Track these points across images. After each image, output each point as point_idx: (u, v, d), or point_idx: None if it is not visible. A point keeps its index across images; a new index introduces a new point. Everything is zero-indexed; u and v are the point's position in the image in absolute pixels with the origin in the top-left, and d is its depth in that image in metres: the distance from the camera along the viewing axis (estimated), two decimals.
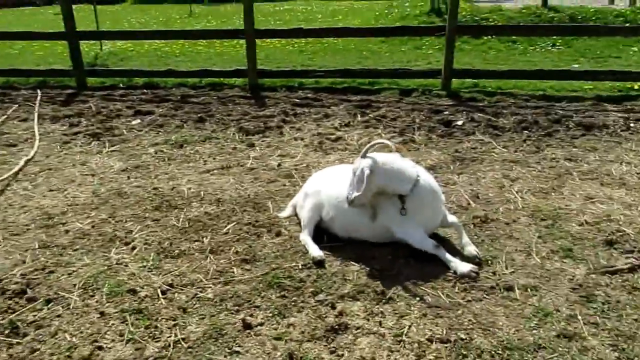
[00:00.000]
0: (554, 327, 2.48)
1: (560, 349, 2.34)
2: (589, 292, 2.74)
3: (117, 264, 3.10)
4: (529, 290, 2.77)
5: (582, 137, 5.25)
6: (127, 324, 2.56)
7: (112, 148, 5.25)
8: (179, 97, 7.15)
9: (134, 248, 3.28)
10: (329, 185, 3.37)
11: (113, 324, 2.57)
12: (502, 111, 6.06)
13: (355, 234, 3.25)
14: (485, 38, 10.51)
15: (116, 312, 2.65)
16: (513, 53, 9.67)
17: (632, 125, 5.53)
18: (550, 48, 9.88)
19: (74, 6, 7.51)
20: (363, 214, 3.13)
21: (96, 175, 4.53)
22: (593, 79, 6.94)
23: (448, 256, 2.98)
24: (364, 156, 3.04)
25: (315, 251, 3.10)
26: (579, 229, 3.40)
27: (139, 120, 6.10)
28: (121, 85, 7.89)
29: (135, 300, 2.74)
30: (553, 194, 3.97)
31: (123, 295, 2.79)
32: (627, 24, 10.13)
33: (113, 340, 2.46)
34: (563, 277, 2.88)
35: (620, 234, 3.31)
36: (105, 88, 7.76)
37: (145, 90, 7.52)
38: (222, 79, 7.82)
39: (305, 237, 3.25)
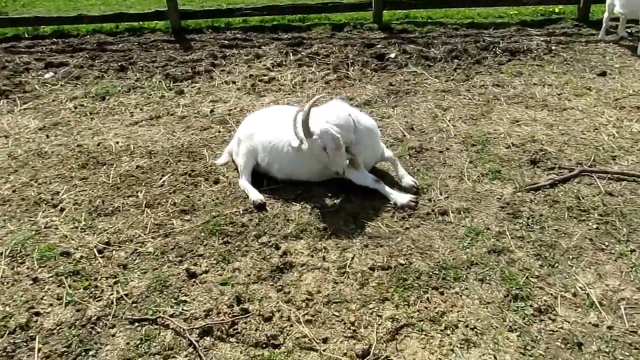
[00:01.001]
0: (484, 244, 2.65)
1: (490, 263, 2.52)
2: (515, 209, 2.93)
3: (45, 227, 2.93)
4: (461, 212, 2.92)
5: (508, 62, 5.42)
6: (64, 287, 2.46)
7: (25, 106, 4.81)
8: (94, 45, 6.57)
9: (62, 210, 3.10)
10: (262, 130, 3.29)
11: (49, 289, 2.46)
12: (433, 41, 6.10)
13: (294, 175, 3.23)
14: None
15: (51, 277, 2.53)
16: None
17: (553, 48, 5.76)
18: None
19: None
20: (300, 156, 3.08)
21: (10, 137, 4.16)
22: (517, 3, 7.08)
23: (387, 189, 3.05)
24: (309, 133, 2.88)
25: (255, 195, 3.07)
26: (506, 151, 3.58)
27: (52, 74, 5.58)
28: (26, 35, 7.11)
29: (70, 263, 2.62)
30: (482, 119, 4.12)
31: (56, 258, 2.65)
32: None
33: (51, 305, 2.37)
34: (492, 198, 3.06)
35: (543, 152, 3.52)
36: (7, 39, 6.96)
37: (55, 40, 6.83)
38: (141, 22, 7.23)
39: (244, 183, 3.20)
